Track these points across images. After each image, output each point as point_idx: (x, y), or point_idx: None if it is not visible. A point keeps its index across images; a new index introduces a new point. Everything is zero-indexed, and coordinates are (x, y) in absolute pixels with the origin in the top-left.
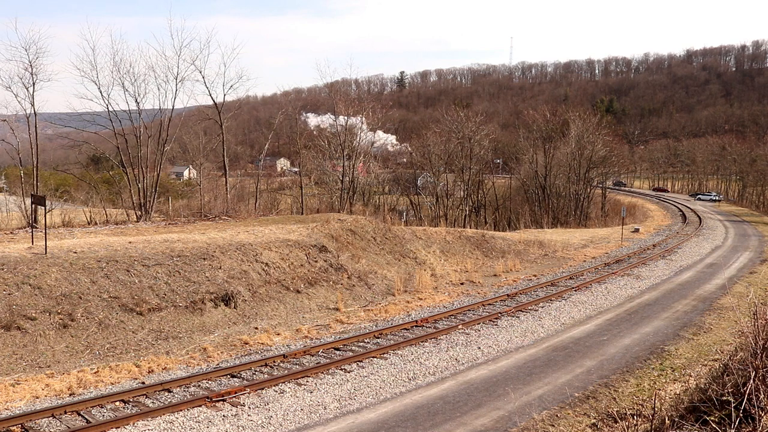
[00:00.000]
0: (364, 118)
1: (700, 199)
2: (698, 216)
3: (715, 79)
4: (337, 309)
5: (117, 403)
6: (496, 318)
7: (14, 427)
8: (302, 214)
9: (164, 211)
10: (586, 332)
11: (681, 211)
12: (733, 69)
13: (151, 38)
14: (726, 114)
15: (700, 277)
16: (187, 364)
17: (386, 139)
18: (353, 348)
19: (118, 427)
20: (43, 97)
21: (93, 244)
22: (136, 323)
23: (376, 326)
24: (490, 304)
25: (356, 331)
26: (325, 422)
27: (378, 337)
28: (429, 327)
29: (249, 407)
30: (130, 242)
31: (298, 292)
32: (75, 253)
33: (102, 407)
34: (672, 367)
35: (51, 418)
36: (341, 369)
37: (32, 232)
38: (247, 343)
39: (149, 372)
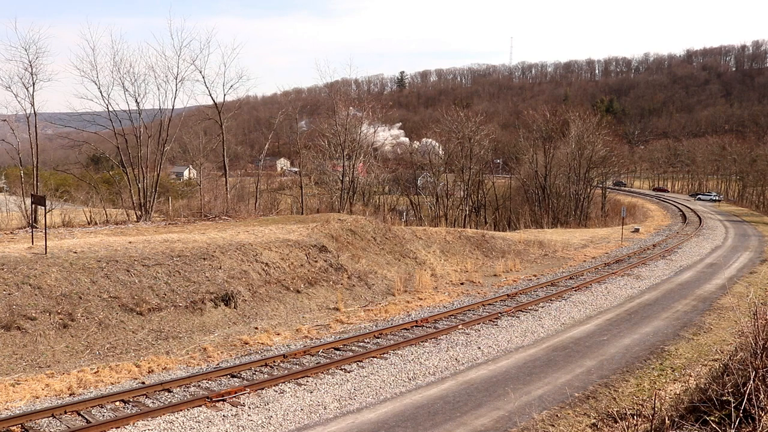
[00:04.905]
0: (364, 114)
1: (700, 199)
2: (698, 216)
3: (715, 79)
4: (337, 309)
5: (117, 403)
6: (496, 318)
7: (14, 427)
8: (302, 214)
9: (164, 211)
10: (586, 332)
11: (681, 211)
12: (733, 69)
13: (151, 38)
14: (726, 114)
15: (700, 277)
16: (187, 364)
17: (388, 138)
18: (353, 348)
19: (118, 427)
20: (43, 97)
21: (93, 244)
22: (136, 323)
23: (376, 326)
24: (490, 304)
25: (356, 331)
26: (325, 422)
27: (378, 337)
28: (429, 327)
29: (249, 407)
30: (130, 242)
31: (298, 292)
32: (75, 253)
33: (102, 407)
34: (672, 367)
35: (51, 418)
36: (341, 369)
37: (32, 232)
38: (247, 343)
39: (149, 372)
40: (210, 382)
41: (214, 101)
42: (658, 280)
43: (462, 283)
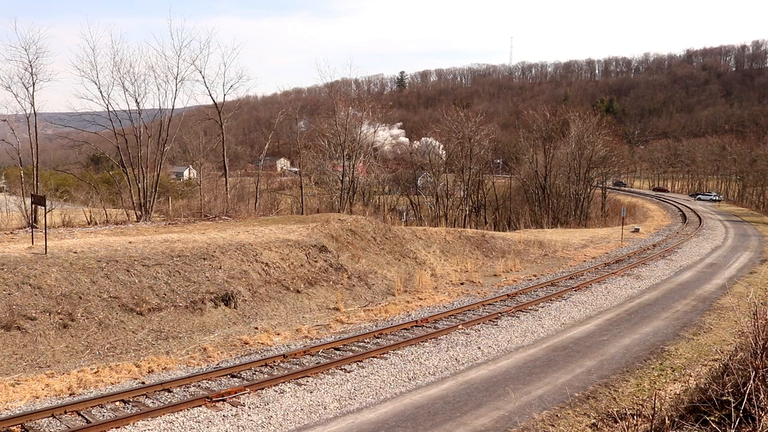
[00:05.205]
0: (364, 114)
1: (700, 199)
2: (698, 216)
3: (715, 79)
4: (337, 309)
5: (117, 403)
6: (496, 318)
7: (14, 427)
8: (302, 214)
9: (164, 211)
10: (586, 332)
11: (681, 211)
12: (733, 69)
13: (151, 38)
14: (726, 114)
15: (700, 277)
16: (187, 364)
17: (387, 138)
18: (353, 348)
19: (118, 427)
20: (43, 97)
21: (93, 244)
22: (136, 323)
23: (376, 326)
24: (490, 304)
25: (356, 331)
26: (325, 422)
27: (378, 337)
28: (429, 327)
29: (249, 407)
30: (130, 242)
31: (298, 292)
32: (75, 253)
33: (102, 407)
34: (672, 367)
35: (51, 418)
36: (341, 369)
37: (32, 232)
38: (247, 343)
39: (149, 372)
40: (210, 382)
41: (214, 101)
42: (658, 280)
43: (462, 283)
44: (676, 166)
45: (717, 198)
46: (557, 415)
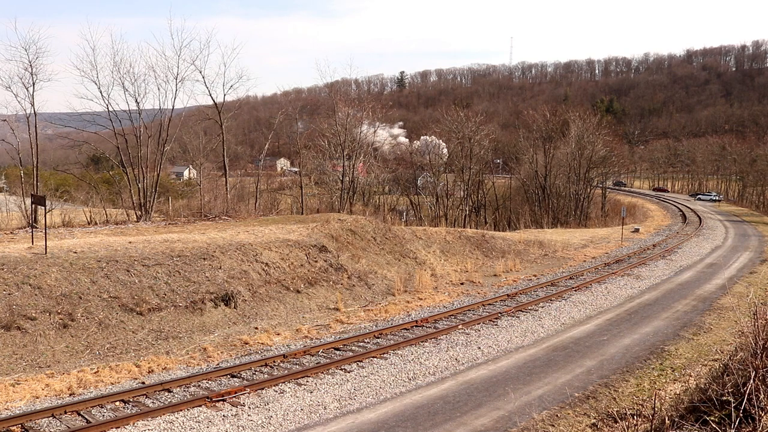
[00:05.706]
0: (364, 114)
1: (700, 199)
2: (698, 216)
3: (715, 79)
4: (337, 309)
5: (117, 403)
6: (496, 318)
7: (14, 427)
8: (302, 214)
9: (164, 211)
10: (586, 332)
11: (681, 211)
12: (733, 69)
13: (151, 38)
14: (726, 114)
15: (700, 277)
16: (187, 364)
17: (387, 138)
18: (353, 348)
19: (118, 427)
20: (43, 97)
21: (93, 244)
22: (136, 323)
23: (376, 326)
24: (490, 304)
25: (356, 331)
26: (325, 422)
27: (378, 337)
28: (429, 327)
29: (249, 407)
30: (130, 242)
31: (298, 292)
32: (75, 253)
33: (102, 407)
34: (672, 367)
35: (51, 418)
36: (341, 369)
37: (32, 232)
38: (247, 343)
39: (149, 372)
40: (210, 382)
41: (214, 101)
42: (658, 280)
43: (462, 283)
44: (676, 166)
45: (717, 198)
46: (557, 415)
